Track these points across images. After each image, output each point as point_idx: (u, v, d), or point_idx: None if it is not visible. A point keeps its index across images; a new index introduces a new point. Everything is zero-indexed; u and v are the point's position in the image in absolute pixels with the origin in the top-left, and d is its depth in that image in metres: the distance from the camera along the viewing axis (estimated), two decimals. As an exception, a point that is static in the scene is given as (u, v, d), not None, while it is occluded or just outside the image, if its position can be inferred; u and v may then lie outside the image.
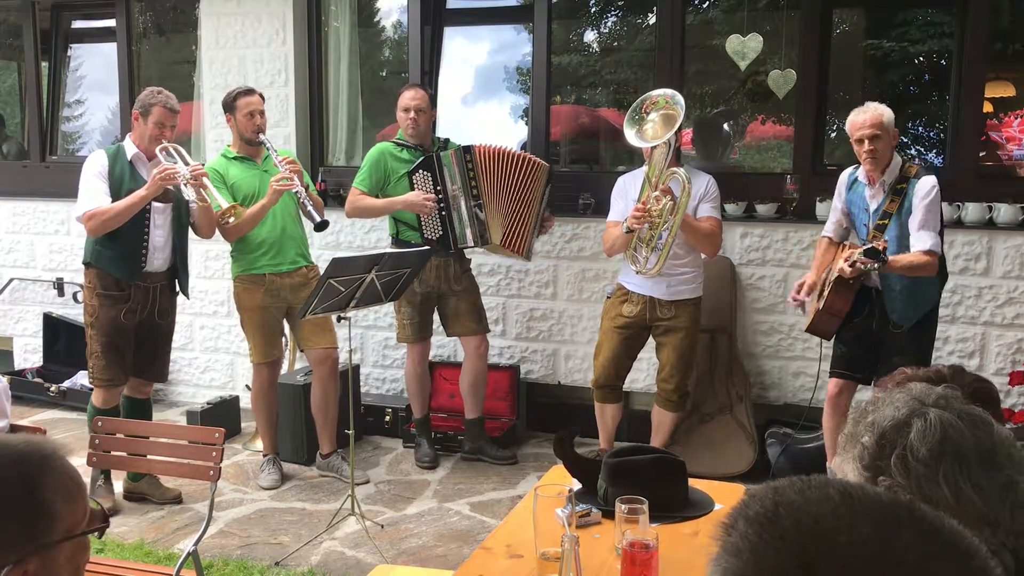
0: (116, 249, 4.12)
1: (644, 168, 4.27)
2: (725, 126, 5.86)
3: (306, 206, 4.32)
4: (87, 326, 4.23)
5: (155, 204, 4.13)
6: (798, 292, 4.10)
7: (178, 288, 4.38)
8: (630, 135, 4.14)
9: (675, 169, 4.06)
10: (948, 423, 1.24)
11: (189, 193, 4.13)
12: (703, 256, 4.42)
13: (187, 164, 4.13)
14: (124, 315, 4.17)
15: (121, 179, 4.12)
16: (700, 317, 4.43)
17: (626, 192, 4.41)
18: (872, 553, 0.69)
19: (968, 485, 1.20)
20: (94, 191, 4.07)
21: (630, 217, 4.14)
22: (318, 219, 4.29)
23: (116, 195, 4.07)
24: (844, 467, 1.32)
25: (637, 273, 4.28)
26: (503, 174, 4.61)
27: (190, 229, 4.38)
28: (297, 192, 4.31)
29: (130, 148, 4.19)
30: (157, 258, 4.20)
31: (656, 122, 4.11)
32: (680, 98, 4.07)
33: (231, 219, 4.18)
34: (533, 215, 4.64)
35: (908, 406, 1.28)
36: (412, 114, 4.65)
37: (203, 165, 4.30)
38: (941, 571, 0.69)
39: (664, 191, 4.06)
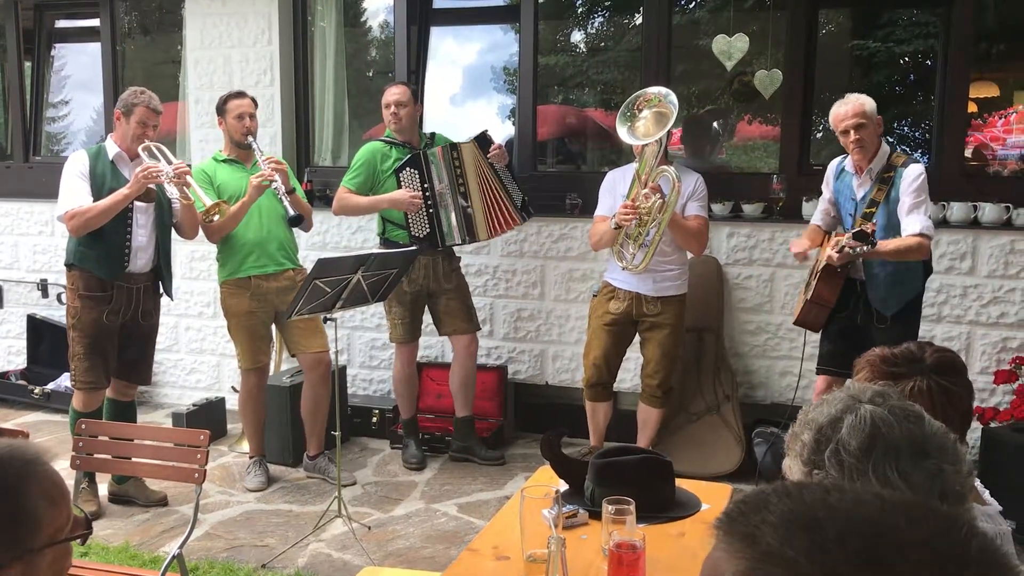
0: (99, 249, 4.09)
1: (634, 164, 4.28)
2: (715, 125, 5.87)
3: (282, 200, 4.30)
4: (69, 328, 4.20)
5: (137, 204, 4.10)
6: (794, 246, 4.11)
7: (161, 289, 4.36)
8: (622, 132, 4.15)
9: (665, 167, 4.07)
10: (879, 417, 1.30)
11: (172, 192, 4.11)
12: (689, 255, 4.44)
13: (170, 163, 4.11)
14: (107, 316, 4.14)
15: (103, 179, 4.09)
16: (685, 314, 4.45)
17: (615, 187, 4.42)
18: (943, 547, 0.68)
19: (895, 474, 1.25)
20: (76, 190, 4.04)
21: (619, 214, 4.16)
22: (292, 213, 4.28)
23: (98, 195, 4.04)
24: (792, 466, 1.36)
25: (623, 269, 4.29)
26: (476, 164, 4.63)
27: (173, 230, 4.36)
28: (275, 188, 4.29)
29: (112, 148, 4.16)
30: (140, 258, 4.17)
31: (648, 119, 4.13)
32: (674, 97, 4.09)
33: (215, 216, 4.16)
34: (499, 188, 4.66)
35: (843, 403, 1.34)
36: (393, 109, 4.66)
37: (189, 165, 4.28)
38: (997, 563, 0.69)
39: (653, 189, 4.07)
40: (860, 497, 0.73)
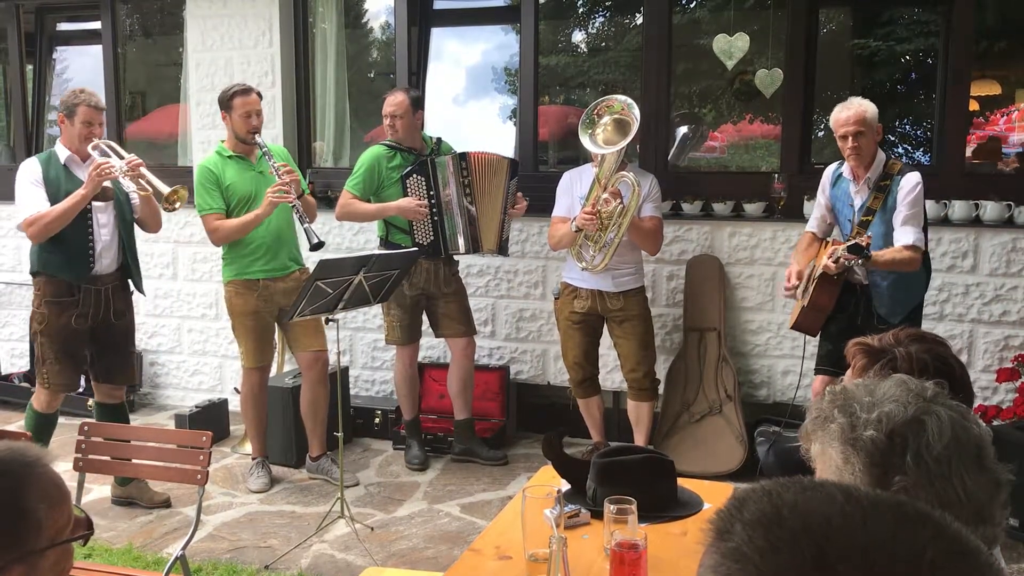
0: (63, 253, 4.04)
1: (591, 167, 4.37)
2: (684, 129, 5.80)
3: (304, 223, 4.24)
4: (36, 334, 4.15)
5: (96, 203, 4.04)
6: (788, 281, 4.11)
7: (132, 287, 4.31)
8: (584, 139, 4.26)
9: (624, 173, 4.19)
10: (955, 422, 1.25)
11: (129, 185, 4.07)
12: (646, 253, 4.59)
13: (122, 158, 4.05)
14: (75, 320, 4.09)
15: (57, 183, 4.04)
16: (648, 304, 4.60)
17: (571, 188, 4.56)
18: (894, 551, 0.68)
19: (973, 484, 1.22)
20: (32, 197, 4.00)
21: (580, 217, 4.29)
22: (315, 240, 4.22)
23: (54, 200, 3.98)
24: (830, 453, 1.29)
25: (583, 270, 4.40)
26: (495, 180, 4.63)
27: (136, 226, 4.30)
28: (294, 206, 4.26)
29: (62, 152, 4.11)
30: (105, 258, 4.12)
31: (608, 126, 4.25)
32: (637, 110, 4.20)
33: (177, 204, 4.04)
34: (499, 211, 4.69)
35: (914, 404, 1.27)
36: (388, 121, 4.67)
37: (193, 170, 4.26)
38: (960, 569, 0.68)
39: (614, 193, 4.19)
40: (831, 496, 0.73)
